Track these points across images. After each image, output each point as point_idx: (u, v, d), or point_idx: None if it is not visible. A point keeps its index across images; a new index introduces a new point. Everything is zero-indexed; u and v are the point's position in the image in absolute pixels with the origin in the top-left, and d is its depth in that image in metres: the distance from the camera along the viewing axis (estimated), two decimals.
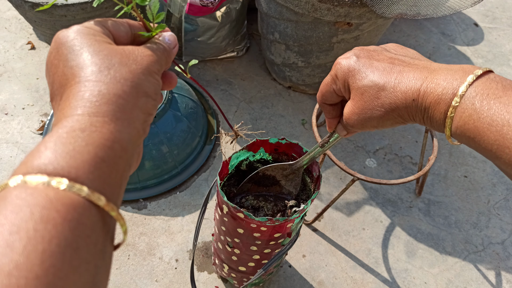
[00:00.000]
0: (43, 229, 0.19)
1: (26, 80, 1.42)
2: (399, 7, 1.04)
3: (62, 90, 0.26)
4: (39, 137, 1.26)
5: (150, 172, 1.14)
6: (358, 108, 0.37)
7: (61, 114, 0.25)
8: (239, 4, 1.41)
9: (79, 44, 0.27)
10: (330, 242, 1.12)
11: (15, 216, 0.19)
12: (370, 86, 0.36)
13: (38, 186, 0.20)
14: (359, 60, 0.37)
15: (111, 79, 0.26)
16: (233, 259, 0.78)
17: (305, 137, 1.35)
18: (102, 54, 0.27)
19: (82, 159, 0.22)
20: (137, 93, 0.27)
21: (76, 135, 0.23)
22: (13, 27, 1.61)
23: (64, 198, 0.21)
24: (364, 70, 0.37)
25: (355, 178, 0.92)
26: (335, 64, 0.40)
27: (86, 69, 0.26)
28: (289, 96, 1.48)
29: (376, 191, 1.24)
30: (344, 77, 0.38)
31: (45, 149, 0.22)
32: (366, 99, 0.36)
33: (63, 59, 0.27)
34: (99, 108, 0.24)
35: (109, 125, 0.24)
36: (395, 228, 1.17)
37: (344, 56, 0.39)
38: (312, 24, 1.19)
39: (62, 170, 0.21)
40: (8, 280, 0.17)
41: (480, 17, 1.95)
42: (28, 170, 0.21)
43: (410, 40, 1.77)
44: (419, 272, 1.09)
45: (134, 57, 0.28)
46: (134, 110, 0.26)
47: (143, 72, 0.28)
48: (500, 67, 1.72)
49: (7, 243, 0.18)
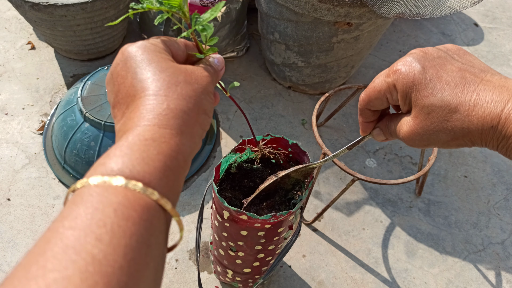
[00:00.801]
0: (124, 226, 0.21)
1: (26, 80, 1.42)
2: (399, 7, 1.04)
3: (129, 100, 0.29)
4: (39, 137, 1.26)
5: None
6: (422, 128, 0.33)
7: (131, 122, 0.27)
8: (239, 4, 1.41)
9: (148, 59, 0.30)
10: (330, 242, 1.12)
11: (101, 212, 0.21)
12: (439, 106, 0.31)
13: (117, 187, 0.23)
14: (425, 71, 0.32)
15: (178, 95, 0.28)
16: (237, 262, 0.78)
17: (305, 137, 1.35)
18: (169, 71, 0.30)
19: (154, 166, 0.25)
20: (198, 110, 0.29)
21: (149, 144, 0.25)
22: (13, 27, 1.61)
23: (140, 199, 0.23)
24: (432, 85, 0.31)
25: (355, 178, 0.92)
26: (394, 71, 0.34)
27: (155, 83, 0.28)
28: (289, 96, 1.48)
29: (376, 191, 1.24)
30: (405, 90, 0.33)
31: (121, 154, 0.25)
32: (433, 120, 0.32)
33: (131, 71, 0.30)
34: (168, 121, 0.27)
35: (176, 137, 0.27)
36: (395, 228, 1.17)
37: (404, 62, 0.34)
38: (312, 24, 1.19)
39: (137, 174, 0.24)
40: (99, 267, 0.20)
41: (480, 17, 1.95)
42: (107, 171, 0.24)
43: (410, 40, 1.77)
44: (419, 272, 1.09)
45: (195, 77, 0.31)
46: (195, 126, 0.29)
47: (203, 91, 0.31)
48: (500, 67, 1.72)
49: (96, 235, 0.21)
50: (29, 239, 1.06)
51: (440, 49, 0.34)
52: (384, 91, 0.35)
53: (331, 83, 1.45)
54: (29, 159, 1.21)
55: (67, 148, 1.13)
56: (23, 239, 1.06)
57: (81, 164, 1.13)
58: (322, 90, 1.48)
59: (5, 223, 1.08)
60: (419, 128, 0.33)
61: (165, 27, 1.45)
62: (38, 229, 1.08)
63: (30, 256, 0.20)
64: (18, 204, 1.12)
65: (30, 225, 1.08)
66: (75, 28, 1.32)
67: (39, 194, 1.14)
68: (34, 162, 1.21)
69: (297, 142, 0.67)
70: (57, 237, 0.21)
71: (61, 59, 1.51)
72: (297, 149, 0.67)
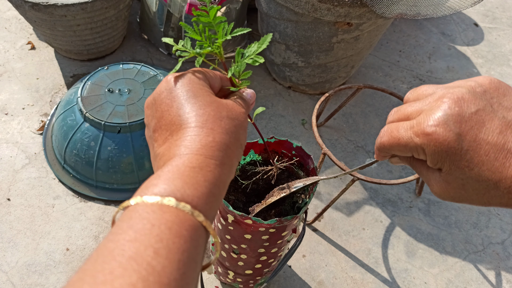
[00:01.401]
0: (178, 243, 0.24)
1: (26, 80, 1.42)
2: (399, 7, 1.04)
3: (173, 128, 0.31)
4: (39, 137, 1.26)
5: (150, 172, 1.14)
6: (455, 194, 0.30)
7: (177, 149, 0.30)
8: (239, 4, 1.41)
9: (194, 93, 0.32)
10: (330, 242, 1.12)
11: (157, 228, 0.24)
12: (476, 181, 0.28)
13: (170, 207, 0.26)
14: (462, 138, 0.28)
15: (222, 129, 0.31)
16: (239, 264, 0.78)
17: (305, 137, 1.35)
18: (214, 106, 0.32)
19: (202, 191, 0.28)
20: (236, 144, 0.32)
21: (196, 171, 0.28)
22: (13, 27, 1.61)
23: (189, 220, 0.26)
24: (469, 157, 0.28)
25: (355, 178, 0.92)
26: (424, 133, 0.29)
27: (202, 117, 0.31)
28: (289, 96, 1.48)
29: (376, 191, 1.24)
30: (437, 158, 0.29)
31: (173, 178, 0.28)
32: (468, 191, 0.29)
33: (177, 102, 0.32)
34: (213, 152, 0.30)
35: (219, 168, 0.30)
36: (395, 228, 1.17)
37: (437, 122, 0.28)
38: (312, 24, 1.19)
39: (187, 197, 0.27)
40: (158, 277, 0.22)
41: (480, 17, 1.95)
42: (160, 192, 0.26)
43: (410, 40, 1.77)
44: (419, 272, 1.09)
45: (235, 113, 0.33)
46: (233, 158, 0.32)
47: (241, 127, 0.33)
48: (500, 67, 1.72)
49: (154, 249, 0.23)
50: (29, 239, 1.06)
51: (476, 93, 0.29)
52: (410, 149, 0.31)
53: (331, 83, 1.45)
54: (29, 159, 1.21)
55: (67, 148, 1.13)
56: (23, 239, 1.06)
57: (81, 164, 1.13)
58: (322, 90, 1.48)
59: (5, 223, 1.08)
60: (451, 193, 0.31)
61: (165, 27, 1.45)
62: (38, 229, 1.08)
63: (94, 264, 0.23)
64: (18, 204, 1.12)
65: (30, 225, 1.08)
66: (75, 28, 1.32)
67: (39, 194, 1.14)
68: (34, 162, 1.21)
69: (301, 145, 0.66)
70: (120, 248, 0.23)
71: (61, 59, 1.51)
72: (301, 152, 0.67)
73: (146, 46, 1.59)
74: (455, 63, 1.71)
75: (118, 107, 1.11)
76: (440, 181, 0.31)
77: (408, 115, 0.31)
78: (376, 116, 1.45)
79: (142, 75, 1.20)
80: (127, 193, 1.15)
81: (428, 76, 1.64)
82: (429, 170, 0.31)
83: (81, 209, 1.13)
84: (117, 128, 1.08)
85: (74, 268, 1.02)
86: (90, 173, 1.13)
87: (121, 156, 1.10)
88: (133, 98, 1.14)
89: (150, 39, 1.58)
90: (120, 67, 1.22)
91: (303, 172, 0.68)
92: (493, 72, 1.70)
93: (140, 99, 1.14)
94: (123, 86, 1.17)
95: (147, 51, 1.57)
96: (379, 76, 1.60)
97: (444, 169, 0.30)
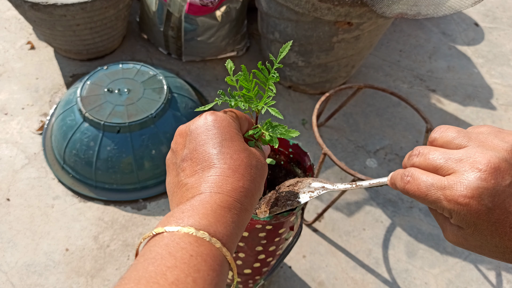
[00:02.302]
0: (211, 275, 0.27)
1: (26, 80, 1.42)
2: (399, 6, 1.04)
3: (206, 164, 0.34)
4: (38, 137, 1.26)
5: (150, 172, 1.14)
6: (469, 247, 0.31)
7: (207, 185, 0.32)
8: (239, 4, 1.40)
9: (230, 137, 0.35)
10: (330, 242, 1.12)
11: (195, 259, 0.27)
12: (495, 246, 0.29)
13: (204, 241, 0.28)
14: (492, 212, 0.28)
15: (251, 177, 0.34)
16: (237, 263, 0.77)
17: (305, 137, 1.35)
18: (247, 153, 0.35)
19: (230, 231, 0.31)
20: (258, 193, 0.35)
21: (225, 212, 0.31)
22: (13, 27, 1.61)
23: (220, 255, 0.29)
24: (494, 228, 0.28)
25: (355, 178, 0.92)
26: (457, 202, 0.28)
27: (235, 162, 0.34)
28: (289, 96, 1.47)
29: (376, 191, 1.24)
30: (462, 223, 0.29)
31: (206, 213, 0.30)
32: (484, 250, 0.30)
33: (214, 140, 0.34)
34: (241, 197, 0.33)
35: (243, 212, 0.33)
36: (395, 228, 1.17)
37: (472, 193, 0.28)
38: (312, 24, 1.18)
39: (219, 234, 0.29)
40: None
41: (480, 17, 1.94)
42: (195, 225, 0.29)
43: (411, 40, 1.77)
44: (420, 272, 1.09)
45: (261, 164, 0.36)
46: (253, 204, 0.35)
47: (263, 177, 0.36)
48: (500, 67, 1.72)
49: (193, 278, 0.26)
50: (28, 240, 1.05)
51: (509, 162, 0.28)
52: (436, 207, 0.30)
53: (332, 82, 1.45)
54: (29, 159, 1.21)
55: (67, 148, 1.13)
56: (23, 239, 1.05)
57: (81, 164, 1.12)
58: (322, 90, 1.48)
59: (4, 223, 1.08)
60: (465, 246, 0.31)
61: (165, 27, 1.44)
62: (37, 230, 1.07)
63: (138, 284, 0.25)
64: (17, 204, 1.12)
65: (30, 225, 1.08)
66: (74, 28, 1.32)
67: (39, 194, 1.14)
68: (34, 162, 1.20)
69: (298, 143, 0.66)
70: (161, 273, 0.26)
71: (60, 59, 1.51)
72: (298, 149, 0.67)
73: (145, 45, 1.58)
74: (456, 63, 1.71)
75: (118, 107, 1.11)
76: (457, 235, 0.31)
77: (437, 168, 0.30)
78: (377, 116, 1.45)
79: (142, 75, 1.20)
80: (126, 193, 1.14)
81: (429, 76, 1.64)
82: (449, 224, 0.31)
83: (80, 209, 1.12)
84: (117, 128, 1.08)
85: (73, 269, 1.02)
86: (90, 173, 1.12)
87: (120, 156, 1.09)
88: (132, 98, 1.14)
89: (149, 38, 1.58)
90: (120, 67, 1.21)
91: (300, 170, 0.68)
92: (494, 72, 1.70)
93: (140, 99, 1.14)
94: (122, 86, 1.16)
95: (146, 51, 1.57)
96: (380, 76, 1.60)
97: (466, 230, 0.29)
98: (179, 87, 1.24)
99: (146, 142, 1.10)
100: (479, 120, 1.50)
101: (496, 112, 1.54)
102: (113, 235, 1.08)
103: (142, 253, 0.28)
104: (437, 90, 1.59)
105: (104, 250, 1.05)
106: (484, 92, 1.61)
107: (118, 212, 1.12)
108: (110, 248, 1.06)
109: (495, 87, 1.63)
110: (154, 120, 1.11)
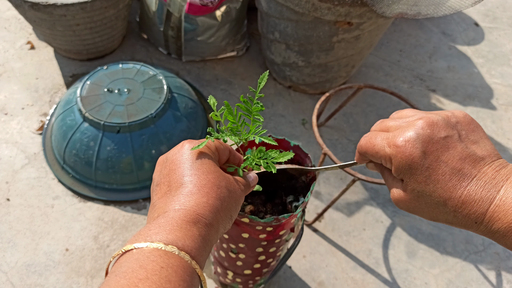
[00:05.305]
0: (182, 286, 0.29)
1: (26, 80, 1.42)
2: (399, 6, 1.04)
3: (174, 185, 0.35)
4: (38, 137, 1.26)
5: (150, 172, 1.13)
6: (409, 204, 0.34)
7: (173, 202, 0.34)
8: (239, 4, 1.40)
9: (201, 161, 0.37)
10: (330, 242, 1.12)
11: (165, 270, 0.28)
12: (429, 196, 0.32)
13: (174, 254, 0.30)
14: (425, 156, 0.32)
15: (217, 196, 0.35)
16: (238, 264, 0.77)
17: (305, 137, 1.35)
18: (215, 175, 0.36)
19: (198, 245, 0.32)
20: (226, 213, 0.36)
21: (191, 226, 0.33)
22: (13, 27, 1.61)
23: (189, 267, 0.30)
24: (427, 174, 0.32)
25: (355, 178, 0.92)
26: (395, 145, 0.33)
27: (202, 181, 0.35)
28: (289, 96, 1.47)
29: (376, 191, 1.24)
30: (400, 169, 0.33)
31: (173, 229, 0.32)
32: (421, 203, 0.33)
33: (184, 165, 0.36)
34: (204, 212, 0.34)
35: (207, 227, 0.34)
36: (395, 228, 1.17)
37: (407, 139, 0.32)
38: (312, 24, 1.18)
39: (187, 248, 0.31)
40: None
41: (480, 17, 1.94)
42: (163, 240, 0.30)
43: (411, 40, 1.77)
44: (420, 272, 1.09)
45: (233, 187, 0.38)
46: (220, 224, 0.36)
47: (235, 200, 0.38)
48: (500, 67, 1.72)
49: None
50: (28, 239, 1.05)
51: (450, 122, 0.33)
52: (380, 156, 0.35)
53: (332, 82, 1.45)
54: (29, 159, 1.21)
55: (67, 148, 1.13)
56: (23, 239, 1.05)
57: (81, 164, 1.12)
58: (322, 90, 1.48)
59: (4, 223, 1.08)
60: (406, 203, 0.34)
61: (165, 27, 1.44)
62: (37, 230, 1.07)
63: None
64: (17, 204, 1.12)
65: (30, 225, 1.08)
66: (74, 28, 1.32)
67: (39, 194, 1.14)
68: (34, 162, 1.20)
69: (299, 144, 0.66)
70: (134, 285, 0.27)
71: (60, 59, 1.51)
72: (299, 150, 0.67)
73: (145, 45, 1.58)
74: (456, 63, 1.71)
75: (118, 107, 1.11)
76: (399, 191, 0.35)
77: (388, 127, 0.36)
78: (377, 116, 1.44)
79: (142, 75, 1.20)
80: (126, 193, 1.14)
81: (429, 75, 1.63)
82: (394, 180, 0.35)
83: (80, 209, 1.12)
84: (117, 128, 1.08)
85: (73, 269, 1.01)
86: (90, 173, 1.12)
87: (120, 156, 1.09)
88: (132, 98, 1.14)
89: (149, 38, 1.58)
90: (120, 67, 1.21)
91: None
92: (494, 72, 1.69)
93: (140, 98, 1.14)
94: (122, 85, 1.16)
95: (146, 51, 1.57)
96: (380, 75, 1.60)
97: (404, 181, 0.33)
98: (179, 87, 1.24)
99: (146, 142, 1.10)
100: (479, 120, 1.50)
101: (496, 112, 1.54)
102: (113, 235, 1.08)
103: (113, 270, 0.29)
104: (437, 90, 1.59)
105: (104, 250, 1.05)
106: (484, 92, 1.61)
107: (118, 212, 1.12)
108: (110, 248, 1.06)
109: (495, 87, 1.63)
110: (154, 120, 1.11)
